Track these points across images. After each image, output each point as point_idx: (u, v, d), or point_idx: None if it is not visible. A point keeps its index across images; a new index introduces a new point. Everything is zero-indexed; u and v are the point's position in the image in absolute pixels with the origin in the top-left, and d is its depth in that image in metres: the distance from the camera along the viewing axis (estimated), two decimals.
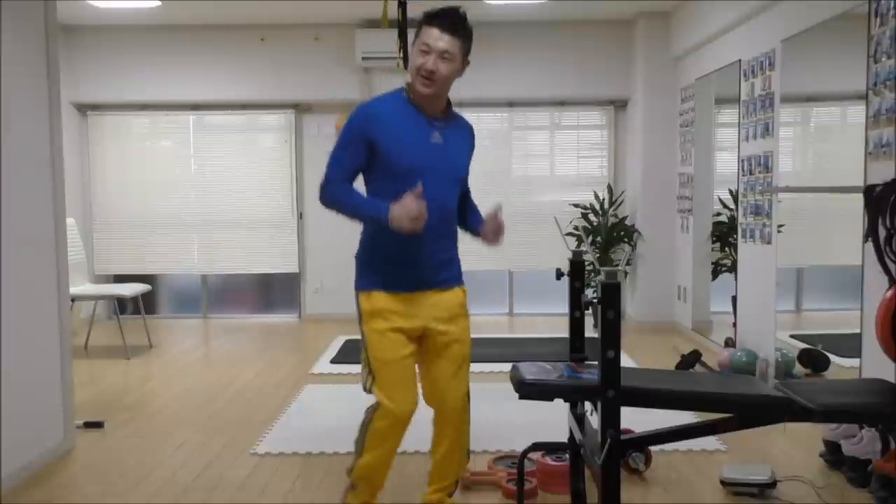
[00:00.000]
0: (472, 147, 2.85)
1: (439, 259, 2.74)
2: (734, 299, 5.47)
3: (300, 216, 7.53)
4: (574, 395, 2.42)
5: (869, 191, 3.23)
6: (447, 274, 2.78)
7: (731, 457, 3.66)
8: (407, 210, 2.48)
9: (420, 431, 3.52)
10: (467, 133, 2.82)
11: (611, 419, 2.16)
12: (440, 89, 2.61)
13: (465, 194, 2.89)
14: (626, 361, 5.40)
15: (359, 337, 2.78)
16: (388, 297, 2.69)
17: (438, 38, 2.55)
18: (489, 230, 2.78)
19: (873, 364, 3.57)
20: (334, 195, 2.64)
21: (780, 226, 4.79)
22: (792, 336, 5.04)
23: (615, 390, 2.15)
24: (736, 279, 5.45)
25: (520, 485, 2.90)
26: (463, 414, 2.87)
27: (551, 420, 3.74)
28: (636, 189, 7.07)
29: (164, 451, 3.82)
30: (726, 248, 6.13)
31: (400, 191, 2.51)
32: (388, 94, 2.70)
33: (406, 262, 2.68)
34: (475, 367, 5.48)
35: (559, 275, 2.87)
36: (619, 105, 7.39)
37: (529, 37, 7.22)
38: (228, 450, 3.83)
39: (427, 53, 2.56)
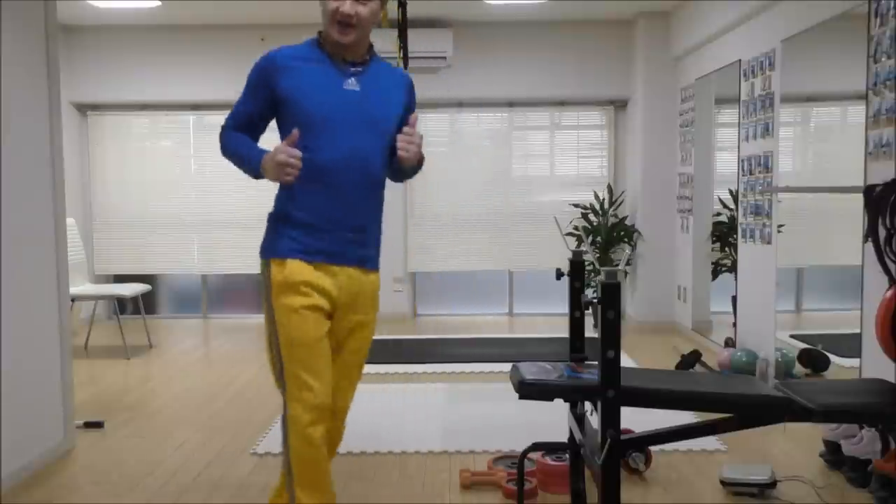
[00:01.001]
0: (405, 98, 2.49)
1: (355, 224, 2.39)
2: (734, 299, 5.47)
3: None
4: (574, 395, 2.41)
5: (869, 191, 3.23)
6: (363, 251, 2.43)
7: (731, 457, 3.66)
8: (273, 155, 2.22)
9: (420, 431, 3.55)
10: (398, 82, 2.49)
11: (611, 419, 2.16)
12: (360, 35, 2.34)
13: (393, 152, 2.45)
14: (626, 361, 5.40)
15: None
16: (305, 267, 2.33)
17: None
18: (402, 140, 2.36)
19: (873, 364, 3.57)
20: (222, 142, 2.43)
21: (780, 226, 4.79)
22: (792, 336, 5.03)
23: (615, 390, 2.15)
24: (736, 279, 5.45)
25: (520, 485, 2.90)
26: (340, 424, 2.54)
27: (551, 420, 3.75)
28: (636, 189, 7.07)
29: (164, 451, 3.82)
30: (726, 248, 6.13)
31: (309, 144, 2.27)
32: (299, 44, 2.44)
33: (319, 222, 2.34)
34: (475, 367, 5.55)
35: (559, 275, 2.87)
36: (619, 105, 7.39)
37: (529, 37, 7.21)
38: (228, 450, 3.83)
39: None
